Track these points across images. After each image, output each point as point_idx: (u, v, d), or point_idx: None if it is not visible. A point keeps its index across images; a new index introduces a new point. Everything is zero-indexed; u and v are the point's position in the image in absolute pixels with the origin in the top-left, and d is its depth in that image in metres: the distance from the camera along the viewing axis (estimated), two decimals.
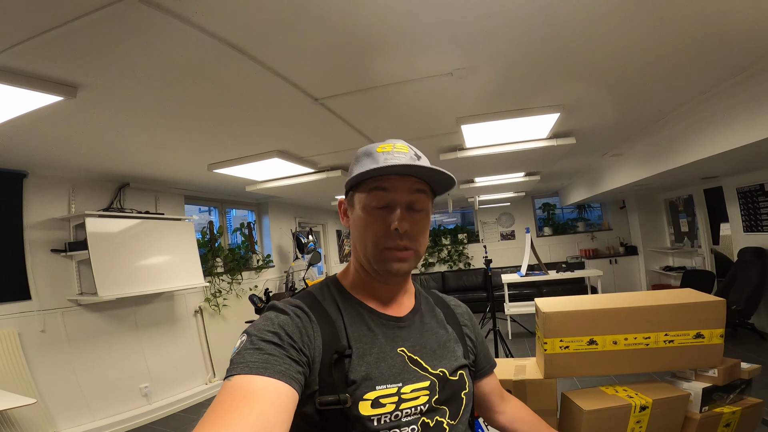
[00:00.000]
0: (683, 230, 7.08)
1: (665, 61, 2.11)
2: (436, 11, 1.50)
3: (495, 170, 4.75)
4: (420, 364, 0.75)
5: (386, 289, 0.81)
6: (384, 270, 0.76)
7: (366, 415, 0.67)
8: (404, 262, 0.76)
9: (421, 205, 0.77)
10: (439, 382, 0.75)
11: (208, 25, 1.43)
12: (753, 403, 1.64)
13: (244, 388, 0.57)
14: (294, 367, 0.63)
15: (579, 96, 2.56)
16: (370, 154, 0.77)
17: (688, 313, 1.64)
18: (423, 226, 0.78)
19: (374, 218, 0.75)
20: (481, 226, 9.41)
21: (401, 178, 0.75)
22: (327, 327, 0.73)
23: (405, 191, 0.75)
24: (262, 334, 0.65)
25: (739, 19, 1.69)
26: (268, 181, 4.16)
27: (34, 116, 1.99)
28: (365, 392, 0.68)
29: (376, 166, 0.72)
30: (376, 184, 0.75)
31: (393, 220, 0.73)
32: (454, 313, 0.93)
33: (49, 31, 1.32)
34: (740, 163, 4.01)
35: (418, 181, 0.76)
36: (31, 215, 3.28)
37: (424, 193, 0.77)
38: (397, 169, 0.73)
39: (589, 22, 1.68)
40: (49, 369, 3.22)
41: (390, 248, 0.74)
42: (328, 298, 0.79)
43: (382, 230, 0.74)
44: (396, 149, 0.76)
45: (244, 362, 0.60)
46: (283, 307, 0.73)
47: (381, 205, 0.75)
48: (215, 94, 2.05)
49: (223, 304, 4.93)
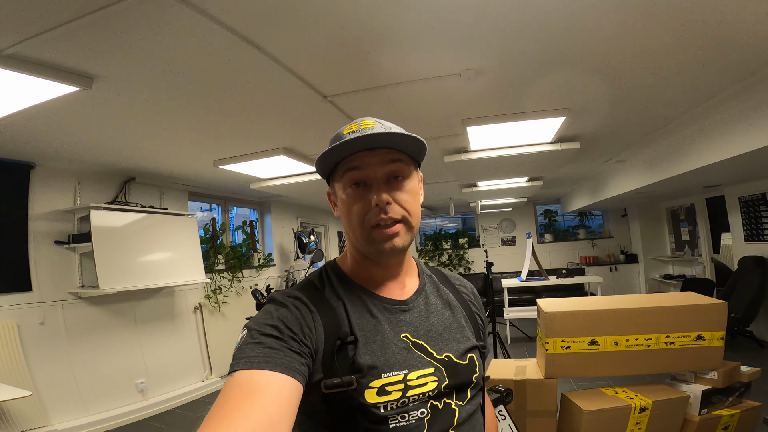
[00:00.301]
0: (684, 239, 7.09)
1: (674, 65, 2.13)
2: (450, 12, 1.52)
3: (498, 174, 4.76)
4: (425, 349, 0.74)
5: (386, 270, 0.79)
6: (376, 251, 0.74)
7: (372, 403, 0.66)
8: (395, 238, 0.73)
9: (399, 174, 0.74)
10: (445, 367, 0.74)
11: (224, 17, 1.44)
12: (752, 406, 1.65)
13: (246, 384, 0.57)
14: (296, 359, 0.62)
15: (585, 100, 2.58)
16: (337, 137, 0.75)
17: (690, 315, 1.65)
18: (409, 195, 0.75)
19: (355, 199, 0.73)
20: (482, 231, 9.42)
21: (371, 153, 0.72)
22: (328, 315, 0.72)
23: (378, 164, 0.73)
24: (262, 328, 0.65)
25: (745, 23, 1.70)
26: (273, 179, 4.18)
27: (46, 107, 2.01)
28: (371, 380, 0.67)
29: (339, 142, 0.70)
30: (347, 165, 0.73)
31: (372, 196, 0.71)
32: (460, 291, 0.90)
33: (73, 21, 1.34)
34: (743, 172, 4.02)
35: (391, 151, 0.73)
36: (37, 206, 3.30)
37: (401, 161, 0.74)
38: (358, 142, 0.70)
39: (599, 27, 1.70)
40: (45, 362, 3.21)
41: (377, 226, 0.72)
42: (328, 286, 0.77)
43: (365, 209, 0.72)
44: (362, 126, 0.74)
45: (246, 357, 0.60)
46: (282, 299, 0.72)
47: (358, 185, 0.73)
48: (226, 88, 2.08)
49: (223, 302, 4.94)
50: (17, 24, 1.38)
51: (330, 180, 0.80)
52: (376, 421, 0.67)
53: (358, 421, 0.67)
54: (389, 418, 0.67)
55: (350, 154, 0.73)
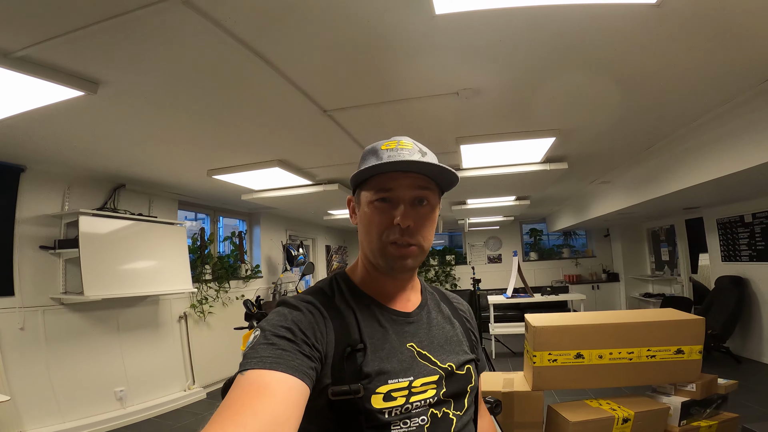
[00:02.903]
0: (664, 259, 7.31)
1: (659, 90, 2.25)
2: (453, 32, 1.60)
3: (487, 192, 4.87)
4: (429, 358, 0.77)
5: (394, 284, 0.82)
6: (389, 266, 0.77)
7: (378, 408, 0.68)
8: (408, 258, 0.76)
9: (425, 201, 0.77)
10: (446, 375, 0.77)
11: (234, 28, 1.49)
12: (729, 417, 1.72)
13: (256, 383, 0.58)
14: (306, 363, 0.64)
15: (575, 121, 2.69)
16: (375, 151, 0.78)
17: (670, 329, 1.73)
18: (428, 222, 0.78)
19: (378, 214, 0.76)
20: (469, 249, 9.53)
21: (404, 175, 0.75)
22: (339, 322, 0.74)
23: (408, 187, 0.75)
24: (276, 329, 0.66)
25: (728, 49, 1.81)
26: (266, 191, 4.20)
27: (45, 110, 2.02)
28: (378, 386, 0.69)
29: (379, 163, 0.73)
30: (379, 181, 0.76)
31: (396, 215, 0.74)
32: (457, 309, 0.94)
33: (87, 27, 1.38)
34: (722, 194, 4.18)
35: (422, 177, 0.76)
36: (24, 210, 3.25)
37: (429, 189, 0.77)
38: (398, 165, 0.73)
39: (590, 52, 1.81)
40: (22, 367, 3.13)
41: (394, 243, 0.75)
42: (339, 294, 0.80)
43: (386, 225, 0.75)
44: (400, 146, 0.76)
45: (258, 357, 0.61)
46: (296, 303, 0.73)
47: (385, 202, 0.76)
48: (229, 98, 2.12)
49: (208, 312, 4.89)
50: (30, 27, 1.41)
51: (356, 189, 0.82)
52: (380, 426, 0.69)
53: (362, 427, 0.68)
54: (392, 424, 0.69)
55: (384, 171, 0.75)
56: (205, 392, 4.57)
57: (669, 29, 1.64)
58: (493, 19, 1.53)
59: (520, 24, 1.58)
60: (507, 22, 1.56)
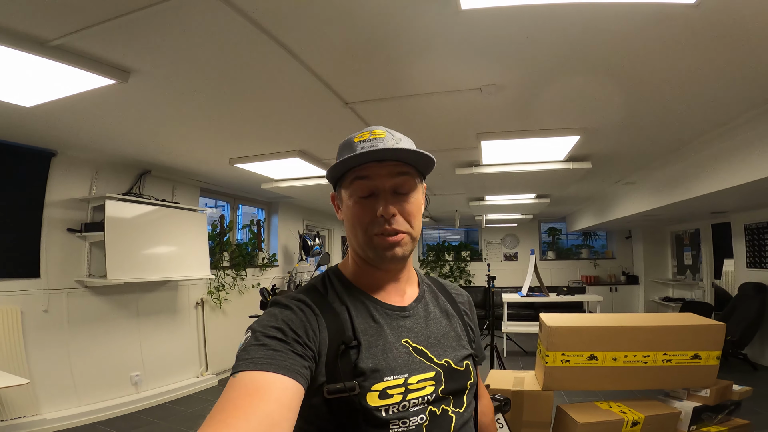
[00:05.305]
0: (686, 263, 7.13)
1: (695, 89, 2.18)
2: (478, 28, 1.59)
3: (507, 190, 4.82)
4: (425, 354, 0.76)
5: (387, 277, 0.81)
6: (378, 257, 0.76)
7: (374, 406, 0.68)
8: (397, 247, 0.75)
9: (406, 187, 0.76)
10: (444, 372, 0.76)
11: (260, 18, 1.50)
12: (740, 423, 1.70)
13: (249, 385, 0.57)
14: (299, 362, 0.63)
15: (601, 120, 2.64)
16: (349, 145, 0.77)
17: (689, 334, 1.70)
18: (413, 208, 0.77)
19: (360, 208, 0.75)
20: (485, 245, 9.47)
21: (380, 164, 0.74)
22: (332, 319, 0.73)
23: (386, 176, 0.74)
24: (266, 330, 0.65)
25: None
26: (285, 181, 4.25)
27: (77, 97, 2.09)
28: (373, 383, 0.69)
29: (352, 155, 0.72)
30: (356, 174, 0.75)
31: (378, 207, 0.73)
32: (456, 301, 0.92)
33: (123, 16, 1.41)
34: (751, 199, 4.04)
35: (399, 163, 0.75)
36: (53, 194, 3.36)
37: (408, 174, 0.76)
38: (373, 155, 0.72)
39: (620, 50, 1.77)
40: (43, 350, 3.21)
41: (380, 234, 0.74)
42: (331, 290, 0.79)
43: (369, 218, 0.74)
44: (374, 135, 0.75)
45: (249, 358, 0.61)
46: (287, 302, 0.72)
47: (365, 194, 0.75)
48: (253, 88, 2.15)
49: (225, 299, 4.99)
50: (66, 17, 1.46)
51: (337, 185, 0.82)
52: (378, 425, 0.68)
53: (360, 426, 0.68)
54: (390, 423, 0.68)
55: (359, 164, 0.75)
56: (217, 379, 4.65)
57: (704, 30, 1.59)
58: (520, 15, 1.51)
59: (547, 20, 1.55)
60: (534, 18, 1.54)
